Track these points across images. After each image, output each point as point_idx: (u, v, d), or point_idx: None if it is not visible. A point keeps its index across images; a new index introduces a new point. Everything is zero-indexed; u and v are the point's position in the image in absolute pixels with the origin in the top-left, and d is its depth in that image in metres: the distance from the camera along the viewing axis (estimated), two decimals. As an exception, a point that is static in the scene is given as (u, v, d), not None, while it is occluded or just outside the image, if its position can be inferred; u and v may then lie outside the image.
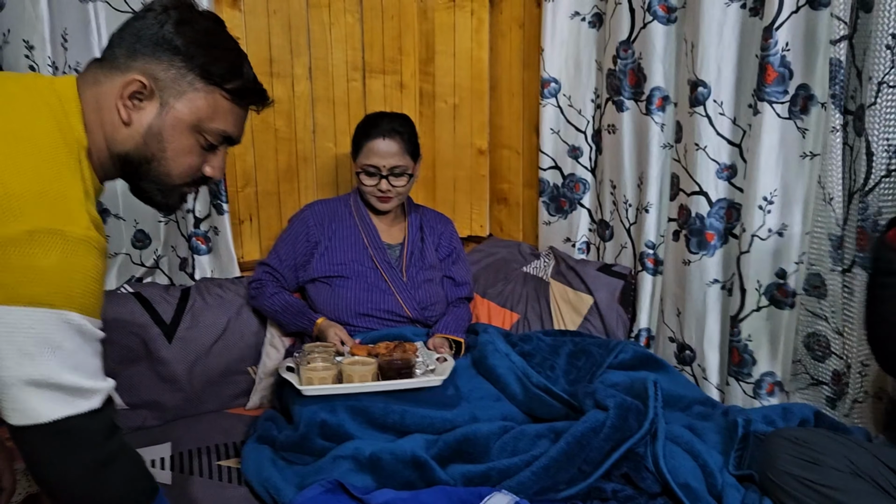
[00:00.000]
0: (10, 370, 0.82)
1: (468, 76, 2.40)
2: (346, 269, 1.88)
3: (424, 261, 1.97)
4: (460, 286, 2.04)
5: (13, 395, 0.83)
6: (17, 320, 0.81)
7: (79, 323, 0.85)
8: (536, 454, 1.37)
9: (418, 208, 2.09)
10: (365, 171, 1.89)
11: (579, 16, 2.09)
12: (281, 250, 1.94)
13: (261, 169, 2.21)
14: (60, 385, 0.84)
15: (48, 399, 0.84)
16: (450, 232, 2.09)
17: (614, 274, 2.07)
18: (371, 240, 1.92)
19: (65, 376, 0.84)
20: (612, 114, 2.02)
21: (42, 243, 0.81)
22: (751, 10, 1.65)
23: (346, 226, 1.94)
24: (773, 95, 1.57)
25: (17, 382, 0.83)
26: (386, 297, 1.87)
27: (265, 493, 1.43)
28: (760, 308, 1.70)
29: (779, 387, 1.73)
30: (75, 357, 0.85)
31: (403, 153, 1.89)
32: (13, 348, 0.81)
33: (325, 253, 1.90)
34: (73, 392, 0.86)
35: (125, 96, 0.95)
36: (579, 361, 1.78)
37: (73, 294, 0.84)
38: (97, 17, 1.80)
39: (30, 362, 0.82)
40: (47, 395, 0.84)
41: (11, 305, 0.80)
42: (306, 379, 1.58)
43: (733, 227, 1.78)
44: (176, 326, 1.86)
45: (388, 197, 1.90)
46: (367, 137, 1.88)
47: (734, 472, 1.38)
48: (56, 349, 0.83)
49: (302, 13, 2.16)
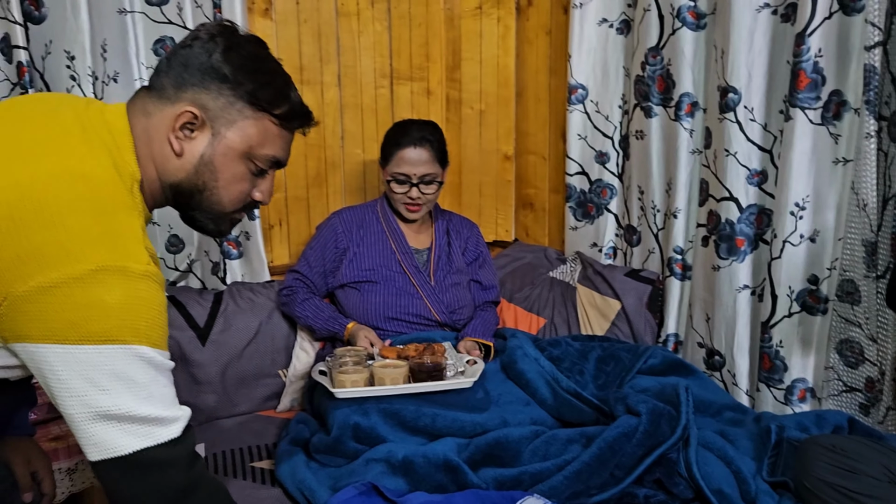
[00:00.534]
0: (88, 406, 0.84)
1: (494, 83, 2.42)
2: (375, 275, 1.90)
3: (451, 265, 1.99)
4: (487, 290, 2.06)
5: (91, 431, 0.85)
6: (89, 358, 0.82)
7: (150, 356, 0.86)
8: (568, 458, 1.38)
9: (444, 213, 2.11)
10: (395, 180, 1.90)
11: (607, 22, 2.10)
12: (310, 257, 1.97)
13: (290, 175, 2.24)
14: (137, 417, 0.85)
15: (126, 432, 0.85)
16: (476, 236, 2.11)
17: (642, 279, 2.07)
18: (399, 245, 1.94)
19: (141, 408, 0.85)
20: (640, 120, 2.03)
21: (105, 281, 0.82)
22: (782, 17, 1.65)
23: (373, 232, 1.96)
24: (806, 101, 1.57)
25: (94, 418, 0.84)
26: (414, 301, 1.89)
27: (299, 494, 1.45)
28: (792, 314, 1.69)
29: (811, 393, 1.72)
30: (149, 389, 0.86)
31: (433, 161, 1.91)
32: (88, 385, 0.83)
33: (353, 259, 1.92)
34: (151, 422, 0.87)
35: (176, 128, 0.95)
36: (608, 366, 1.79)
37: (140, 328, 0.85)
38: (135, 28, 1.84)
39: (105, 397, 0.83)
40: (126, 427, 0.85)
41: (83, 345, 0.82)
42: (338, 382, 1.60)
43: (764, 233, 1.77)
44: (209, 330, 1.90)
45: (417, 205, 1.92)
46: (397, 146, 1.90)
47: (768, 478, 1.38)
48: (130, 383, 0.84)
49: (331, 22, 2.20)
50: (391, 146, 1.92)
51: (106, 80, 1.83)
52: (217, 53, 0.96)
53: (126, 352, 0.84)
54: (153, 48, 1.88)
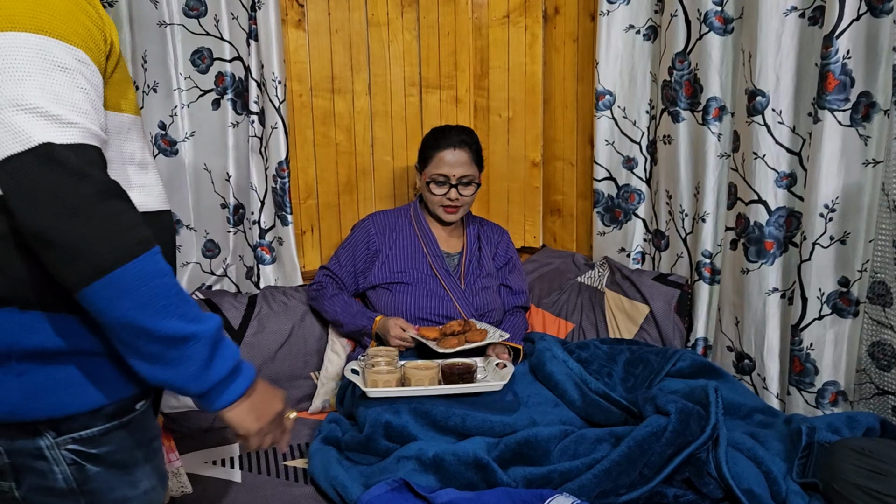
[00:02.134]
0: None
1: (522, 90, 2.44)
2: (406, 276, 1.93)
3: (482, 269, 2.01)
4: (517, 294, 2.08)
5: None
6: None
7: (35, 42, 0.79)
8: (598, 457, 1.39)
9: (476, 219, 2.14)
10: (434, 181, 1.94)
11: (634, 29, 2.12)
12: (342, 256, 2.01)
13: (322, 181, 2.28)
14: (29, 107, 0.78)
15: (33, 123, 0.78)
16: (506, 242, 2.14)
17: (670, 283, 2.08)
18: (430, 248, 1.97)
19: (29, 100, 0.78)
20: (667, 124, 2.04)
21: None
22: (809, 20, 1.66)
23: (405, 235, 1.99)
24: (834, 103, 1.58)
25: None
26: (445, 303, 1.92)
27: (332, 490, 1.48)
28: (822, 317, 1.69)
29: (842, 396, 1.71)
30: (40, 80, 0.79)
31: (471, 163, 1.95)
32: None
33: (385, 261, 1.96)
34: (46, 117, 0.79)
35: None
36: (636, 369, 1.79)
37: (17, 14, 0.79)
38: (174, 40, 1.91)
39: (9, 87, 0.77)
40: (32, 119, 0.78)
41: None
42: (370, 381, 1.63)
43: (793, 236, 1.77)
44: (244, 332, 1.94)
45: (455, 206, 1.95)
46: (437, 148, 1.95)
47: (798, 479, 1.37)
48: (10, 71, 0.78)
49: (362, 32, 2.25)
50: (430, 149, 1.97)
51: (146, 89, 1.89)
52: None
53: (3, 39, 0.78)
54: (191, 59, 1.95)
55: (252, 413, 0.96)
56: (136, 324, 0.83)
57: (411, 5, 2.29)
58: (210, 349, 0.88)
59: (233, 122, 2.01)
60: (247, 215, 2.10)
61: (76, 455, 0.93)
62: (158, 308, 0.83)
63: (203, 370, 0.88)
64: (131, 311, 0.82)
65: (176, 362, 0.86)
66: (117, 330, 0.84)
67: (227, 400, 0.93)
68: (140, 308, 0.82)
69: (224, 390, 0.92)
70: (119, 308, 0.81)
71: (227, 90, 1.99)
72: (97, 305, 0.82)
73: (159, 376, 0.88)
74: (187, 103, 1.98)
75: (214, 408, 0.93)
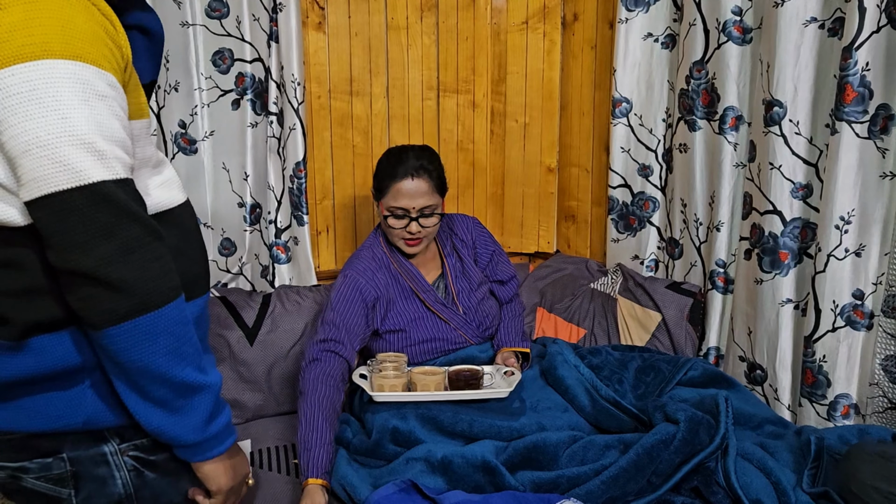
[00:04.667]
0: (16, 139, 0.74)
1: (539, 96, 2.45)
2: (404, 321, 1.81)
3: (471, 282, 1.91)
4: (507, 284, 2.01)
5: (26, 165, 0.75)
6: (3, 85, 0.73)
7: (74, 70, 0.75)
8: (606, 463, 1.39)
9: (444, 226, 1.97)
10: (393, 214, 1.75)
11: (652, 37, 2.12)
12: (344, 317, 1.72)
13: (339, 183, 2.30)
14: (79, 139, 0.76)
15: (84, 158, 0.75)
16: (479, 235, 1.99)
17: (683, 292, 2.08)
18: (417, 285, 1.83)
19: (81, 133, 0.75)
20: (683, 133, 2.04)
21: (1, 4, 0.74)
22: (829, 31, 1.66)
23: (389, 276, 1.82)
24: (852, 115, 1.57)
25: (29, 149, 0.74)
26: (448, 336, 1.84)
27: (341, 490, 1.49)
28: (836, 329, 1.68)
29: (854, 409, 1.70)
30: (80, 109, 0.76)
31: (433, 192, 1.76)
32: (9, 114, 0.74)
33: (387, 309, 1.81)
34: (99, 153, 0.77)
35: None
36: (648, 377, 1.79)
37: (50, 41, 0.75)
38: (196, 40, 1.94)
39: (33, 124, 0.74)
40: (82, 154, 0.75)
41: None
42: (377, 386, 1.65)
43: (808, 247, 1.77)
44: (257, 330, 1.96)
45: (417, 239, 1.78)
46: (392, 178, 1.74)
47: (808, 489, 1.37)
48: (54, 103, 0.74)
49: (381, 35, 2.27)
50: (386, 178, 1.76)
51: (168, 88, 1.92)
52: None
53: (41, 69, 0.74)
54: (212, 59, 1.97)
55: (229, 470, 0.98)
56: (155, 367, 0.83)
57: (431, 10, 2.30)
58: (215, 402, 0.90)
59: (252, 123, 2.03)
60: (263, 215, 2.12)
61: (136, 461, 0.95)
62: (179, 355, 0.84)
63: (205, 422, 0.90)
64: (153, 355, 0.82)
65: (182, 411, 0.88)
66: (131, 372, 0.84)
67: (214, 453, 0.95)
68: (163, 353, 0.83)
69: (216, 444, 0.94)
70: (143, 350, 0.82)
71: (247, 91, 2.01)
72: (119, 345, 0.81)
73: (158, 422, 0.88)
74: (207, 103, 2.00)
75: (198, 459, 0.94)
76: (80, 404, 0.90)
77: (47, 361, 0.86)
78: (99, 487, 0.94)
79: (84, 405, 0.90)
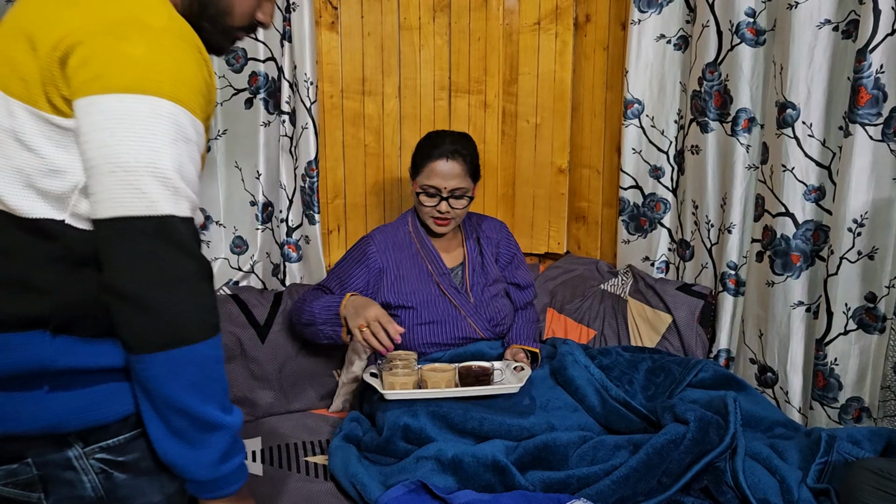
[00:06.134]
0: (107, 158, 0.80)
1: (551, 97, 2.45)
2: (415, 299, 1.84)
3: (487, 277, 1.94)
4: (525, 290, 2.02)
5: (107, 183, 0.81)
6: (111, 107, 0.80)
7: (171, 111, 0.82)
8: (616, 464, 1.39)
9: (472, 219, 2.04)
10: (425, 192, 1.83)
11: (665, 38, 2.12)
12: (340, 273, 1.86)
13: (350, 182, 2.31)
14: (159, 174, 0.82)
15: (161, 192, 0.81)
16: (506, 238, 2.04)
17: (694, 293, 2.07)
18: (435, 267, 1.88)
19: (161, 164, 0.82)
20: (695, 135, 2.04)
21: (126, 35, 0.82)
22: (843, 33, 1.65)
23: (409, 255, 1.89)
24: (866, 118, 1.57)
25: (113, 169, 0.80)
26: (458, 323, 1.85)
27: (352, 488, 1.50)
28: (848, 332, 1.67)
29: (866, 413, 1.69)
30: (169, 148, 0.83)
31: (465, 175, 1.83)
32: (108, 135, 0.80)
33: (395, 282, 1.86)
34: (168, 186, 0.83)
35: None
36: (658, 378, 1.79)
37: (163, 81, 0.82)
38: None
39: (125, 148, 0.80)
40: (161, 188, 0.81)
41: (105, 94, 0.80)
42: (388, 384, 1.65)
43: (820, 249, 1.76)
44: (268, 328, 1.97)
45: (446, 219, 1.85)
46: (429, 157, 1.83)
47: (812, 485, 1.37)
48: (151, 137, 0.81)
49: (394, 35, 2.27)
50: (422, 157, 1.85)
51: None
52: None
53: (148, 104, 0.81)
54: (225, 58, 1.98)
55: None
56: (180, 400, 0.85)
57: (443, 10, 2.31)
58: (231, 442, 0.92)
59: (264, 122, 2.05)
60: (275, 213, 2.13)
61: (104, 464, 0.94)
62: (206, 392, 0.87)
63: (219, 460, 0.91)
64: (182, 387, 0.85)
65: (198, 445, 0.89)
66: (156, 399, 0.87)
67: (223, 493, 0.95)
68: (190, 387, 0.86)
69: (226, 484, 0.95)
70: (173, 381, 0.85)
71: (260, 90, 2.03)
72: (152, 372, 0.85)
73: (173, 454, 0.90)
74: (221, 101, 2.02)
75: (206, 496, 0.95)
76: (40, 408, 0.89)
77: (9, 360, 0.87)
78: (69, 491, 0.93)
79: (43, 409, 0.89)
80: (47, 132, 0.85)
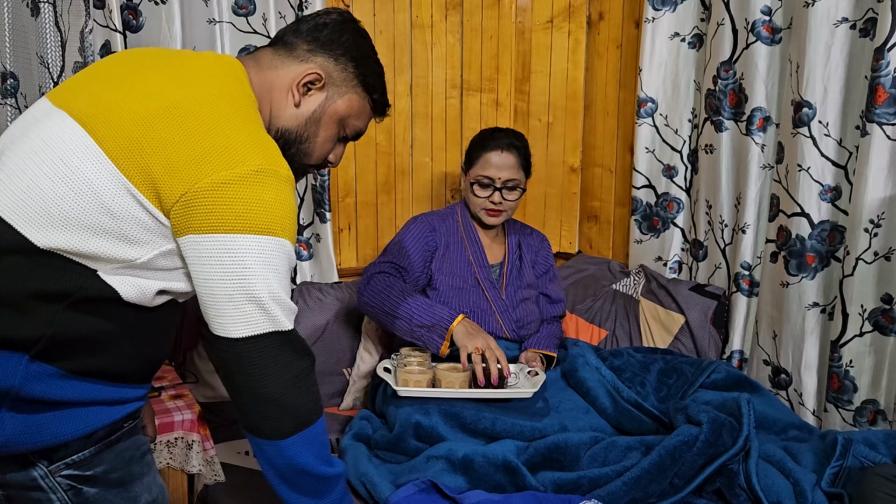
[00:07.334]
0: (244, 288, 0.93)
1: (563, 95, 2.44)
2: (455, 282, 1.88)
3: (522, 279, 1.97)
4: (555, 304, 2.04)
5: (244, 309, 0.94)
6: (249, 246, 0.93)
7: (289, 250, 0.97)
8: (628, 465, 1.38)
9: (516, 225, 2.10)
10: (479, 183, 1.88)
11: (679, 36, 2.10)
12: (407, 248, 1.87)
13: (361, 181, 2.31)
14: (281, 301, 0.95)
15: (268, 312, 0.95)
16: (546, 249, 2.09)
17: (707, 294, 2.06)
18: (477, 258, 1.93)
19: (283, 294, 0.96)
20: (710, 134, 2.02)
21: (263, 182, 0.93)
22: (861, 31, 1.63)
23: (455, 241, 1.94)
24: (884, 117, 1.55)
25: (248, 298, 0.93)
26: (487, 317, 1.87)
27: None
28: (864, 333, 1.65)
29: (881, 416, 1.67)
30: (286, 280, 0.97)
31: (518, 167, 1.89)
32: (245, 270, 0.93)
33: (441, 262, 1.90)
34: (288, 309, 0.97)
35: (300, 83, 1.08)
36: (670, 379, 1.78)
37: (286, 224, 0.96)
38: (222, 37, 1.95)
39: (259, 280, 0.93)
40: (269, 308, 0.94)
41: (245, 234, 0.92)
42: (402, 380, 1.65)
43: (836, 250, 1.74)
44: (279, 326, 1.97)
45: (498, 210, 1.89)
46: (483, 149, 1.89)
47: (827, 489, 1.35)
48: (275, 270, 0.95)
49: (406, 33, 2.27)
50: (477, 149, 1.91)
51: (194, 85, 1.94)
52: (348, 35, 1.11)
53: (276, 243, 0.94)
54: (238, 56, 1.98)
55: None
56: (307, 467, 1.01)
57: (455, 8, 2.30)
58: (344, 487, 1.10)
59: (276, 120, 2.04)
60: (287, 211, 2.13)
61: (72, 480, 0.93)
62: (323, 455, 1.04)
63: (340, 499, 1.09)
64: (308, 457, 1.01)
65: (324, 493, 1.06)
66: (286, 470, 1.01)
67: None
68: (314, 454, 1.02)
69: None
70: (303, 454, 1.01)
71: (273, 88, 2.02)
72: (285, 452, 1.00)
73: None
74: (233, 100, 2.02)
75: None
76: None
77: None
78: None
79: (2, 430, 0.88)
80: (137, 212, 0.92)
